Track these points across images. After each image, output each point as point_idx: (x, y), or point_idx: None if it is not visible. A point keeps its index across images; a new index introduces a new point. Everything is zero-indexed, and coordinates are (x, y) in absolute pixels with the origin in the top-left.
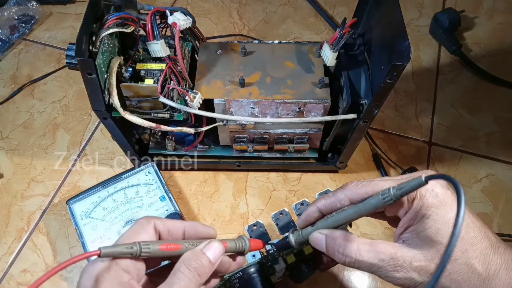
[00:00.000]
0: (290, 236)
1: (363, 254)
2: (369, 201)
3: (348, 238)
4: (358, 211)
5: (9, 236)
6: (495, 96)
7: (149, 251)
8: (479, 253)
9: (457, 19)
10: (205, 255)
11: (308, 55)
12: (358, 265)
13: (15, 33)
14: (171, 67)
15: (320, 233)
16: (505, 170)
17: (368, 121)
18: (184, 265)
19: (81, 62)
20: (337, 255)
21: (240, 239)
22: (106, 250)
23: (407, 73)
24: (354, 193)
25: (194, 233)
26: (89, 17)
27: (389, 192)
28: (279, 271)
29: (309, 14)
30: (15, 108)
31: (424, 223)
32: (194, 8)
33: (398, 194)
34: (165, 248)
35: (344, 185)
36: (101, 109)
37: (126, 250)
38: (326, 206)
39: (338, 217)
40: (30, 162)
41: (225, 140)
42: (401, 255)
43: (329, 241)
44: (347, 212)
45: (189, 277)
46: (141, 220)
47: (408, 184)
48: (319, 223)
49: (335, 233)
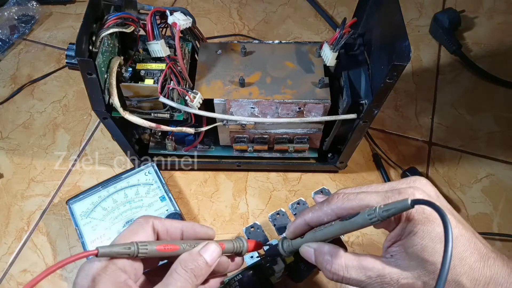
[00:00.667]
0: (279, 245)
1: (350, 271)
2: (356, 220)
3: (335, 254)
4: (345, 228)
5: (9, 236)
6: (495, 96)
7: (147, 252)
8: (468, 268)
9: (457, 19)
10: (202, 256)
11: (308, 55)
12: (346, 282)
13: (15, 33)
14: (171, 67)
15: (308, 247)
16: (505, 170)
17: (368, 121)
18: (181, 266)
19: (81, 62)
20: (325, 271)
21: (238, 240)
22: (104, 250)
23: (407, 73)
24: (340, 208)
25: (192, 233)
26: (89, 17)
27: (375, 212)
28: (278, 272)
29: (309, 14)
30: (15, 108)
31: (411, 239)
32: (194, 8)
33: (385, 216)
34: (163, 248)
35: (330, 198)
36: (101, 109)
37: (123, 250)
38: (313, 219)
39: (326, 231)
40: (30, 162)
41: (225, 140)
42: (388, 273)
43: (317, 255)
44: (334, 227)
45: (185, 278)
46: (140, 220)
47: (394, 206)
48: (308, 235)
49: (323, 249)
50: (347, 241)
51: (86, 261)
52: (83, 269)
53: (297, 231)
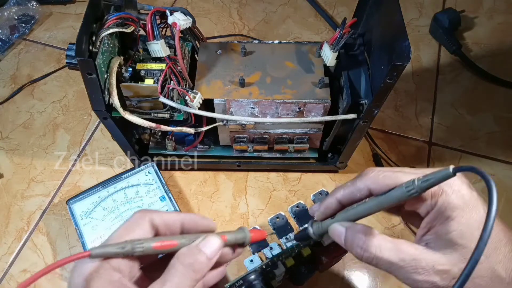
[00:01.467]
0: (309, 228)
1: (384, 251)
2: (392, 193)
3: (369, 233)
4: (380, 204)
5: (9, 236)
6: (495, 96)
7: (143, 250)
8: (502, 257)
9: (457, 19)
10: (201, 251)
11: (308, 55)
12: (376, 262)
13: (15, 33)
14: (171, 67)
15: (341, 225)
16: (505, 170)
17: (368, 121)
18: (178, 262)
19: (81, 62)
20: (355, 249)
21: (240, 230)
22: (96, 251)
23: (407, 73)
24: (375, 183)
25: (193, 226)
26: (89, 17)
27: (413, 183)
28: (279, 275)
29: (309, 14)
30: (15, 108)
31: (448, 225)
32: (194, 8)
33: (424, 186)
34: (160, 246)
35: (363, 173)
36: (101, 109)
37: (117, 251)
38: (345, 196)
39: (359, 209)
40: (30, 162)
41: (225, 140)
42: (424, 258)
43: (349, 234)
44: (368, 204)
45: (183, 273)
46: (136, 215)
47: (434, 176)
48: (339, 215)
49: (357, 227)
50: None
51: (79, 261)
52: (75, 269)
53: (328, 211)
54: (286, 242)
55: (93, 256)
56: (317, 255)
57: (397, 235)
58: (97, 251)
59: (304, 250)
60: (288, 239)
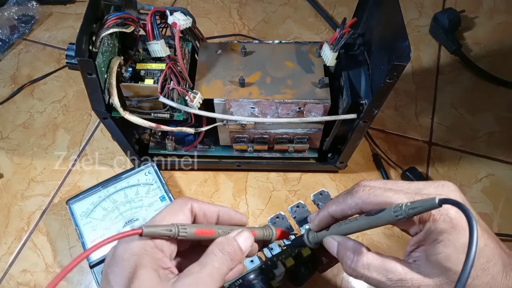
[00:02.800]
0: (305, 236)
1: (372, 270)
2: (381, 215)
3: (358, 252)
4: (370, 224)
5: (9, 236)
6: (495, 96)
7: (186, 235)
8: (490, 279)
9: (457, 19)
10: (236, 242)
11: (308, 55)
12: (365, 279)
13: (15, 33)
14: (171, 67)
15: (333, 239)
16: (505, 170)
17: (368, 121)
18: (218, 248)
19: (81, 62)
20: (345, 265)
21: (267, 228)
22: (148, 230)
23: (407, 73)
24: (365, 202)
25: (227, 218)
26: (89, 17)
27: (401, 209)
28: (279, 275)
29: (309, 14)
30: (15, 108)
31: (435, 247)
32: (194, 8)
33: (411, 213)
34: (200, 233)
35: (354, 190)
36: (101, 109)
37: (165, 232)
38: (337, 212)
39: (351, 225)
40: (30, 162)
41: (225, 140)
42: (410, 278)
43: (340, 249)
44: (359, 222)
45: (221, 259)
46: (179, 201)
47: (421, 205)
48: (333, 228)
49: (347, 243)
50: None
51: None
52: (122, 244)
53: (322, 223)
54: (286, 242)
55: (144, 235)
56: (317, 255)
57: (397, 235)
58: (148, 230)
59: (304, 250)
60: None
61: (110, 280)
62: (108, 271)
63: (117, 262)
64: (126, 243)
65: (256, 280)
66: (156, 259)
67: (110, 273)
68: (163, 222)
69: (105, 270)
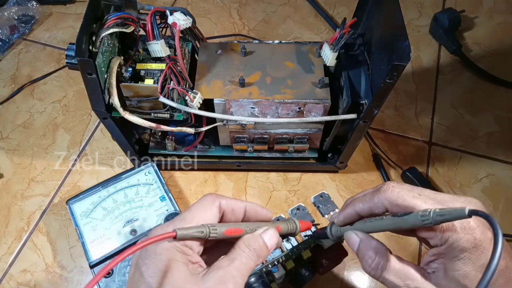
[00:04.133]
0: (328, 229)
1: (391, 273)
2: (408, 218)
3: (380, 253)
4: (395, 225)
5: (9, 236)
6: (495, 96)
7: (216, 235)
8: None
9: (457, 19)
10: (262, 239)
11: (308, 55)
12: (382, 280)
13: (15, 33)
14: (171, 67)
15: (356, 235)
16: (505, 170)
17: (368, 121)
18: (245, 245)
19: (81, 62)
20: (364, 263)
21: (291, 221)
22: (181, 232)
23: (407, 73)
24: (392, 204)
25: (253, 214)
26: (89, 17)
27: (429, 215)
28: (279, 278)
29: (309, 14)
30: (15, 108)
31: (455, 264)
32: (194, 8)
33: (438, 220)
34: (229, 232)
35: (382, 189)
36: (101, 109)
37: (197, 234)
38: (364, 210)
39: (376, 224)
40: (30, 162)
41: (225, 140)
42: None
43: (363, 246)
44: (385, 222)
45: (249, 255)
46: (208, 198)
47: (449, 213)
48: (357, 224)
49: (371, 243)
50: None
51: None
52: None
53: (347, 219)
54: (287, 244)
55: (178, 238)
56: (317, 257)
57: (397, 235)
58: (181, 233)
59: (304, 253)
60: (288, 241)
61: (143, 272)
62: (140, 263)
63: (150, 255)
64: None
65: (256, 283)
66: (185, 255)
67: (143, 265)
68: (193, 221)
69: (136, 262)
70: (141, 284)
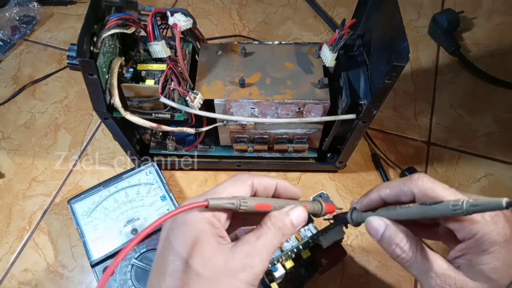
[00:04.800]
0: (349, 214)
1: (420, 257)
2: (438, 207)
3: (411, 236)
4: (424, 213)
5: (10, 235)
6: (494, 96)
7: (246, 208)
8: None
9: (456, 20)
10: (289, 217)
11: (307, 56)
12: (409, 265)
13: (16, 34)
14: (172, 67)
15: (382, 220)
16: (503, 170)
17: (367, 121)
18: (270, 222)
19: (82, 63)
20: (392, 246)
21: (317, 202)
22: (213, 202)
23: (406, 74)
24: (422, 193)
25: (283, 191)
26: (90, 18)
27: (462, 205)
28: (279, 278)
29: (309, 15)
30: (16, 109)
31: (484, 257)
32: (195, 9)
33: (471, 210)
34: (259, 206)
35: (412, 178)
36: (102, 109)
37: (228, 205)
38: (390, 196)
39: (401, 212)
40: (31, 162)
41: (226, 140)
42: (454, 276)
43: (390, 231)
44: (412, 210)
45: (275, 232)
46: (242, 176)
47: (484, 203)
48: (380, 211)
49: (400, 227)
50: (346, 240)
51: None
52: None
53: (370, 205)
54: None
55: (210, 206)
56: (317, 257)
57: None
58: (213, 203)
59: (303, 253)
60: (287, 241)
61: (172, 241)
62: (170, 233)
63: (179, 225)
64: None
65: None
66: (214, 227)
67: (172, 235)
68: (223, 194)
69: (166, 232)
70: (170, 253)
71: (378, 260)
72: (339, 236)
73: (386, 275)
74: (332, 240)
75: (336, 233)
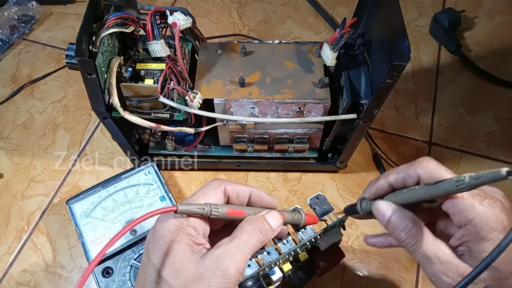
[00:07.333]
0: (358, 204)
1: (425, 243)
2: (442, 184)
3: (417, 222)
4: (428, 192)
5: (9, 236)
6: (495, 96)
7: (218, 214)
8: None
9: (457, 19)
10: (266, 220)
11: (308, 55)
12: (413, 250)
13: (15, 33)
14: (171, 67)
15: (388, 205)
16: None
17: (368, 121)
18: (247, 223)
19: (81, 62)
20: (398, 231)
21: (297, 212)
22: (182, 207)
23: (407, 73)
24: (427, 174)
25: (258, 200)
26: (89, 17)
27: (464, 179)
28: (276, 281)
29: (309, 14)
30: (15, 108)
31: (483, 244)
32: (194, 8)
33: (473, 184)
34: (232, 213)
35: (417, 161)
36: (101, 109)
37: (198, 210)
38: (398, 181)
39: (408, 194)
40: (30, 162)
41: (225, 140)
42: (457, 263)
43: (397, 216)
44: (417, 191)
45: (250, 232)
46: (213, 183)
47: (485, 175)
48: (388, 197)
49: (407, 213)
50: (347, 241)
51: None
52: (162, 221)
53: (379, 192)
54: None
55: (179, 212)
56: (315, 259)
57: None
58: (182, 208)
59: (301, 255)
60: (285, 244)
61: (150, 254)
62: (148, 246)
63: (155, 238)
64: (163, 222)
65: (254, 286)
66: (189, 236)
67: (150, 249)
68: (197, 202)
69: (146, 246)
70: (148, 267)
71: (379, 261)
72: (337, 238)
73: (387, 276)
74: (330, 242)
75: (334, 235)
